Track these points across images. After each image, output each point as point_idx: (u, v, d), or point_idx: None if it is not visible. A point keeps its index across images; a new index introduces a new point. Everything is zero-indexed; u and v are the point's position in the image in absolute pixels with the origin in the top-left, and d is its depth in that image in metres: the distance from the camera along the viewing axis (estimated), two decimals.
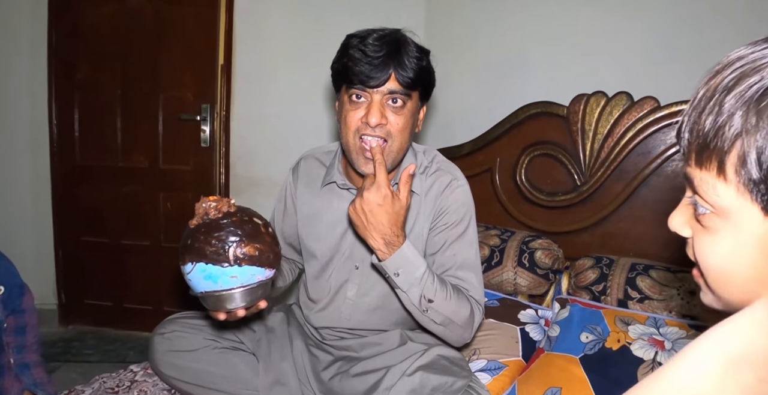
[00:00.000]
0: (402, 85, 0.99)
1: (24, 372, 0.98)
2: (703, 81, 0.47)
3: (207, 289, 0.86)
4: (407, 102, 1.01)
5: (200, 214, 0.88)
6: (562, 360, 1.18)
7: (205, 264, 0.84)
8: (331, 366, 1.15)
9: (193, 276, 0.85)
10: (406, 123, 1.02)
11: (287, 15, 2.18)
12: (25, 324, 1.01)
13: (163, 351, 1.15)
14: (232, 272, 0.84)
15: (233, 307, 0.88)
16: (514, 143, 1.80)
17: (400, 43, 1.00)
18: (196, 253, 0.84)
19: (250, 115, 2.25)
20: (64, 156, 2.35)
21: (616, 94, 1.62)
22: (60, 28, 2.26)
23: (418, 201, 1.12)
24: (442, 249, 1.10)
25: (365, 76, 0.98)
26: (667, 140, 1.56)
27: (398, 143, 1.03)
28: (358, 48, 0.99)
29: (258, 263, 0.86)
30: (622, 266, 1.43)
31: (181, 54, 2.22)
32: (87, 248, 2.40)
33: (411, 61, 0.99)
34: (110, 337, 2.37)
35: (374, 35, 1.00)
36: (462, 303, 1.02)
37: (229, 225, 0.85)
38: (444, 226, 1.10)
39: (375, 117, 0.98)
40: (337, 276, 1.16)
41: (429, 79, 1.05)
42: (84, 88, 2.31)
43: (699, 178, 0.46)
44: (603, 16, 1.74)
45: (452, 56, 2.03)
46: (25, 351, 1.00)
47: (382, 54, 0.97)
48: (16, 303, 1.00)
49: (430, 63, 1.05)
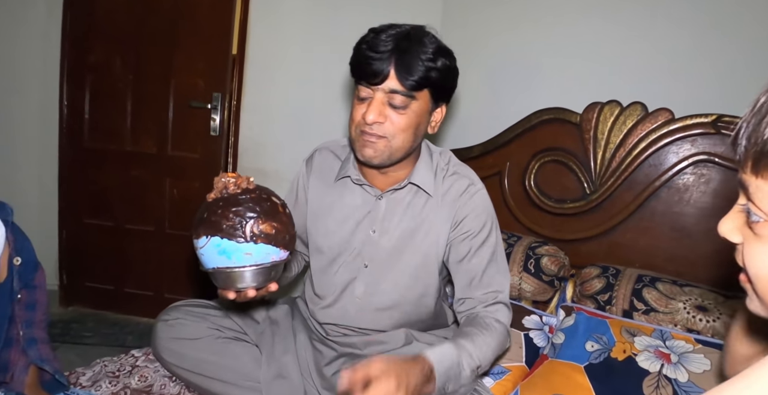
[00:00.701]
0: (403, 85, 0.97)
1: (31, 347, 0.98)
2: (765, 88, 0.46)
3: (219, 265, 0.83)
4: (411, 102, 0.99)
5: (219, 188, 0.86)
6: (566, 367, 1.18)
7: (220, 239, 0.82)
8: (334, 362, 1.15)
9: (207, 251, 0.83)
10: (408, 123, 1.00)
11: (302, 7, 2.17)
12: (36, 300, 1.02)
13: (165, 337, 1.15)
14: (247, 248, 0.82)
15: (244, 286, 0.86)
16: (525, 148, 1.79)
17: (411, 42, 0.97)
18: (212, 227, 0.82)
19: (260, 106, 2.25)
20: (72, 138, 2.34)
21: (630, 104, 1.62)
22: (75, 11, 2.25)
23: (433, 205, 1.11)
24: (468, 257, 1.09)
25: (365, 73, 0.98)
26: (679, 152, 1.56)
27: (399, 141, 1.01)
28: (368, 43, 0.98)
29: (273, 243, 0.84)
30: (629, 277, 1.43)
31: (194, 41, 2.21)
32: (91, 230, 2.40)
33: (418, 61, 0.96)
34: (109, 320, 2.37)
35: (388, 32, 0.98)
36: (497, 339, 1.01)
37: (247, 201, 0.84)
38: (466, 234, 1.09)
39: (372, 114, 0.98)
40: (345, 274, 1.15)
41: (443, 80, 1.01)
42: (96, 71, 2.30)
43: (755, 186, 0.46)
44: (620, 26, 1.73)
45: (466, 59, 2.01)
46: (33, 326, 1.00)
47: (386, 52, 0.96)
48: (30, 278, 1.00)
49: (449, 63, 1.01)
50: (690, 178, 1.55)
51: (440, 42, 1.02)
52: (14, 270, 0.93)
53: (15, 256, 0.94)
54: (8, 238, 0.96)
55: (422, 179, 1.10)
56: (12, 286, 0.94)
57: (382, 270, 1.13)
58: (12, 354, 0.94)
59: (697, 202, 1.54)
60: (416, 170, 1.11)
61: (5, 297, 0.94)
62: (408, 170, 1.11)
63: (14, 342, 0.95)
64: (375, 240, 1.13)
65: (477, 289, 1.08)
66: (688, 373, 1.10)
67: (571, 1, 1.81)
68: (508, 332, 1.06)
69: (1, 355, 0.93)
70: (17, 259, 0.93)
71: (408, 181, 1.10)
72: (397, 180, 1.12)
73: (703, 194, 1.54)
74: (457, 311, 1.11)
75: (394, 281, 1.13)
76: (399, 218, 1.12)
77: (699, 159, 1.53)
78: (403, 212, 1.12)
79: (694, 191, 1.55)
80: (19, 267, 0.93)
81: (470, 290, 1.09)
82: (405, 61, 0.96)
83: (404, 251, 1.12)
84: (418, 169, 1.11)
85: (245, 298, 0.91)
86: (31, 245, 1.02)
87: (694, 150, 1.54)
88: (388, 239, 1.12)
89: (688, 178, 1.56)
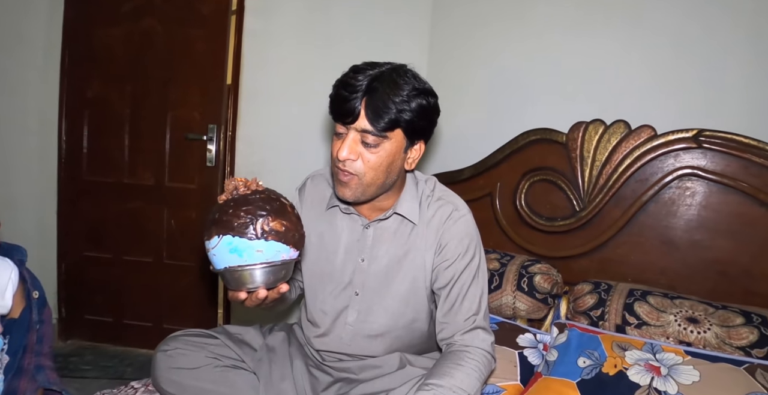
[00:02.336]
0: (373, 126, 0.99)
1: (39, 372, 1.03)
2: None
3: (231, 264, 0.85)
4: (383, 141, 1.01)
5: (229, 190, 0.90)
6: (559, 384, 1.19)
7: (231, 237, 0.84)
8: (331, 388, 1.16)
9: (219, 250, 0.85)
10: (379, 162, 1.02)
11: (295, 39, 2.24)
12: (43, 334, 1.06)
13: (165, 367, 1.15)
14: (258, 245, 0.84)
15: (254, 286, 0.87)
16: (515, 169, 1.83)
17: (384, 83, 0.99)
18: (224, 226, 0.84)
19: (255, 136, 2.29)
20: (71, 171, 2.38)
21: (614, 122, 1.66)
22: (73, 48, 2.32)
23: (418, 232, 1.13)
24: (451, 282, 1.10)
25: (337, 112, 1.01)
26: (664, 167, 1.60)
27: (369, 178, 1.03)
28: (342, 82, 1.01)
29: (284, 240, 0.86)
30: (620, 291, 1.44)
31: (190, 74, 2.28)
32: (89, 262, 2.41)
33: (389, 103, 0.98)
34: (109, 353, 2.36)
35: (365, 72, 1.00)
36: (478, 366, 1.02)
37: (257, 201, 0.87)
38: (450, 260, 1.11)
39: (343, 151, 1.00)
40: (337, 302, 1.17)
41: (418, 120, 1.02)
42: (94, 105, 2.35)
43: None
44: (603, 46, 1.79)
45: (454, 82, 2.09)
46: (41, 356, 1.05)
47: (358, 93, 0.98)
48: (40, 313, 1.05)
49: (426, 104, 1.02)
50: (676, 192, 1.59)
51: (418, 82, 1.03)
52: (33, 304, 0.99)
53: (33, 290, 1.01)
54: (25, 275, 1.03)
55: (407, 209, 1.12)
56: (30, 318, 1.00)
57: (373, 298, 1.14)
58: (21, 383, 0.99)
59: (684, 215, 1.57)
60: (401, 200, 1.13)
61: (23, 328, 1.00)
62: (393, 200, 1.14)
63: (24, 372, 1.00)
64: (364, 268, 1.15)
65: (457, 314, 1.09)
66: (677, 385, 1.11)
67: (554, 24, 1.88)
68: (491, 354, 1.07)
69: (12, 383, 0.97)
70: (36, 293, 1.00)
71: (393, 211, 1.13)
72: (382, 210, 1.14)
73: (689, 207, 1.57)
74: (438, 338, 1.12)
75: (385, 308, 1.14)
76: (387, 247, 1.14)
77: (683, 173, 1.57)
78: (390, 241, 1.14)
79: (681, 204, 1.58)
80: (37, 301, 1.00)
81: (451, 315, 1.09)
82: (374, 103, 0.98)
83: (393, 279, 1.14)
84: (403, 199, 1.13)
85: (257, 300, 0.91)
86: (40, 283, 1.07)
87: (677, 164, 1.58)
88: (376, 266, 1.14)
89: (673, 192, 1.59)
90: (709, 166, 1.54)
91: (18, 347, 0.99)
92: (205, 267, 2.43)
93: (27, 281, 1.03)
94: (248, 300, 0.92)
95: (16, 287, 1.00)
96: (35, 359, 1.03)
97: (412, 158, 1.09)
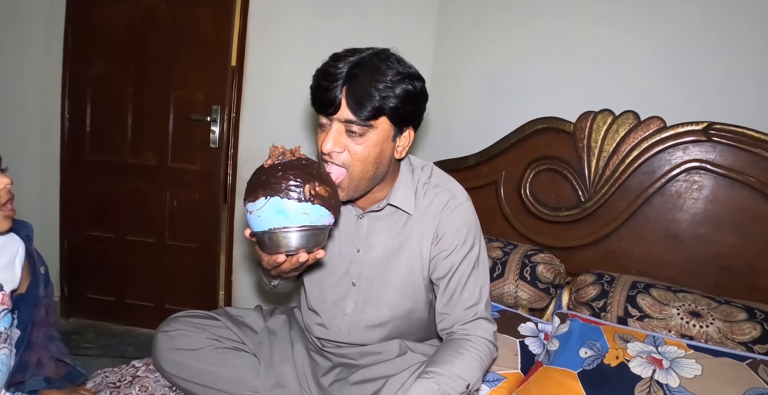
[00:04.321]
0: (356, 116, 0.94)
1: (52, 342, 1.06)
2: None
3: (277, 225, 0.86)
4: (368, 131, 0.96)
5: (275, 155, 0.92)
6: (560, 374, 1.19)
7: (280, 199, 0.85)
8: (331, 372, 1.16)
9: (265, 212, 0.86)
10: (367, 153, 0.97)
11: (301, 20, 2.20)
12: (48, 307, 1.09)
13: (165, 348, 1.16)
14: (304, 208, 0.86)
15: (296, 247, 0.88)
16: (520, 157, 1.82)
17: (365, 69, 0.94)
18: (272, 188, 0.86)
19: (259, 118, 2.27)
20: (74, 150, 2.37)
21: (622, 112, 1.64)
22: (76, 26, 2.29)
23: (414, 222, 1.10)
24: (449, 273, 1.08)
25: (317, 104, 0.97)
26: (672, 159, 1.58)
27: (359, 170, 0.99)
28: (321, 71, 0.97)
29: (327, 206, 0.88)
30: (623, 283, 1.44)
31: (194, 55, 2.25)
32: (92, 242, 2.42)
33: (371, 89, 0.93)
34: (110, 332, 2.38)
35: (346, 59, 0.95)
36: (479, 355, 1.02)
37: (303, 167, 0.89)
38: (448, 251, 1.08)
39: (327, 144, 0.96)
40: (334, 292, 1.16)
41: (404, 106, 0.96)
42: (97, 84, 2.33)
43: None
44: (613, 35, 1.76)
45: (461, 69, 2.06)
46: (50, 327, 1.08)
47: (338, 81, 0.93)
48: (46, 287, 1.07)
49: (412, 88, 0.97)
50: (683, 185, 1.57)
51: (402, 66, 0.97)
52: (40, 278, 1.01)
53: (40, 266, 1.03)
54: (33, 251, 1.05)
55: (401, 199, 1.09)
56: (38, 293, 1.02)
57: (370, 288, 1.14)
58: (31, 356, 1.01)
59: (690, 208, 1.56)
60: (395, 190, 1.10)
61: (30, 303, 1.02)
62: (387, 190, 1.10)
63: (33, 345, 1.02)
64: (360, 259, 1.14)
65: (457, 304, 1.08)
66: (679, 378, 1.11)
67: (563, 11, 1.85)
68: (493, 342, 1.06)
69: (23, 356, 1.00)
70: (43, 268, 1.02)
71: (386, 202, 1.10)
72: (376, 201, 1.11)
73: (695, 200, 1.56)
74: (438, 328, 1.11)
75: (383, 298, 1.13)
76: (382, 237, 1.12)
77: (691, 166, 1.55)
78: (385, 231, 1.12)
79: (687, 197, 1.57)
80: (44, 276, 1.02)
81: (450, 306, 1.08)
82: (355, 91, 0.93)
83: (389, 269, 1.12)
84: (397, 189, 1.10)
85: (297, 264, 0.91)
86: (44, 259, 1.09)
87: (686, 157, 1.56)
88: (372, 257, 1.13)
89: (680, 185, 1.57)
90: (718, 159, 1.53)
91: (26, 321, 1.00)
92: (207, 249, 2.44)
93: (34, 256, 1.04)
94: (287, 262, 0.91)
95: (23, 262, 1.02)
96: (45, 330, 1.05)
97: (401, 146, 1.04)
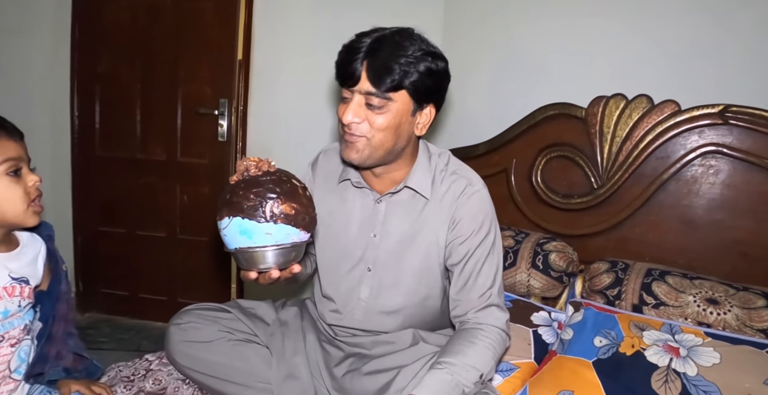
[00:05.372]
0: (376, 87, 0.97)
1: (71, 338, 1.08)
2: None
3: (241, 245, 0.85)
4: (388, 103, 0.98)
5: (240, 171, 0.89)
6: (574, 363, 1.17)
7: (241, 219, 0.84)
8: (343, 363, 1.16)
9: (229, 231, 0.86)
10: (386, 124, 1.00)
11: (306, 12, 2.18)
12: (68, 300, 1.10)
13: (178, 341, 1.17)
14: (267, 228, 0.84)
15: (265, 267, 0.88)
16: (531, 145, 1.79)
17: (387, 44, 0.97)
18: (234, 207, 0.85)
19: (267, 111, 2.26)
20: (84, 147, 2.39)
21: (636, 96, 1.61)
22: (83, 24, 2.29)
23: (431, 208, 1.11)
24: (465, 258, 1.09)
25: (340, 75, 1.01)
26: (687, 144, 1.55)
27: (377, 140, 1.01)
28: (345, 48, 1.01)
29: (293, 224, 0.86)
30: (638, 271, 1.42)
31: (200, 49, 2.24)
32: (104, 237, 2.44)
33: (392, 63, 0.95)
34: (125, 326, 2.41)
35: (370, 35, 0.99)
36: (492, 344, 1.02)
37: (268, 183, 0.86)
38: (464, 237, 1.09)
39: (347, 115, 0.99)
40: (349, 277, 1.16)
41: (425, 81, 0.99)
42: (105, 81, 2.34)
43: None
44: (622, 18, 1.71)
45: (470, 56, 2.03)
46: (69, 323, 1.10)
47: (359, 55, 0.97)
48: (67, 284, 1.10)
49: (434, 67, 1.00)
50: (698, 170, 1.54)
51: (426, 44, 1.00)
52: (62, 275, 1.04)
53: (62, 263, 1.06)
54: (54, 250, 1.08)
55: (418, 182, 1.10)
56: (59, 289, 1.04)
57: (386, 274, 1.13)
58: (51, 349, 1.03)
59: (706, 194, 1.53)
60: (412, 173, 1.10)
61: (51, 299, 1.04)
62: (405, 172, 1.11)
63: (53, 338, 1.04)
64: (376, 244, 1.13)
65: (471, 291, 1.08)
66: (697, 367, 1.09)
67: None
68: (505, 331, 1.06)
69: (43, 349, 1.02)
70: (64, 266, 1.05)
71: (404, 185, 1.10)
72: (393, 183, 1.12)
73: (712, 185, 1.52)
74: (451, 315, 1.11)
75: (398, 284, 1.13)
76: (398, 222, 1.12)
77: (707, 150, 1.52)
78: (402, 216, 1.12)
79: (703, 182, 1.53)
80: (65, 272, 1.05)
81: (465, 292, 1.08)
82: (376, 64, 0.96)
83: (405, 255, 1.12)
84: (415, 172, 1.10)
85: (270, 279, 0.92)
86: (62, 258, 1.12)
87: (702, 141, 1.53)
88: (388, 242, 1.13)
89: (696, 170, 1.54)
90: (735, 143, 1.49)
91: (48, 315, 1.03)
92: (218, 243, 2.44)
93: (55, 254, 1.08)
94: (261, 278, 0.92)
95: (45, 260, 1.04)
96: (65, 326, 1.07)
97: (422, 123, 1.06)
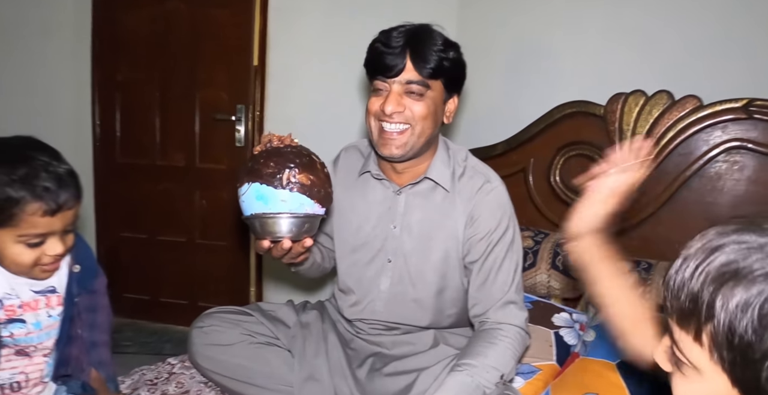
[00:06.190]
0: (419, 75, 1.01)
1: (92, 349, 1.06)
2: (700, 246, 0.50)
3: (257, 211, 0.89)
4: (427, 91, 1.03)
5: (264, 142, 0.94)
6: (598, 365, 1.15)
7: (259, 185, 0.88)
8: (364, 364, 1.16)
9: (247, 197, 0.89)
10: (427, 111, 1.04)
11: (321, 17, 2.19)
12: (97, 303, 1.08)
13: (200, 344, 1.18)
14: (282, 195, 0.87)
15: (278, 235, 0.90)
16: (549, 143, 1.77)
17: (421, 35, 1.03)
18: (254, 174, 0.89)
19: (283, 115, 2.28)
20: (105, 154, 2.43)
21: (656, 93, 1.58)
22: (102, 33, 2.34)
23: (450, 201, 1.11)
24: (483, 255, 1.09)
25: (382, 66, 1.03)
26: (710, 140, 1.52)
27: (420, 128, 1.04)
28: (380, 40, 1.05)
29: (308, 194, 0.89)
30: (661, 270, 1.39)
31: (216, 55, 2.27)
32: (126, 243, 2.48)
33: (430, 51, 1.01)
34: (147, 330, 2.44)
35: (398, 30, 1.04)
36: (512, 344, 1.02)
37: (288, 154, 0.90)
38: (482, 233, 1.09)
39: (390, 105, 1.02)
40: (370, 269, 1.17)
41: (454, 70, 1.06)
42: (125, 89, 2.38)
43: (678, 334, 0.51)
44: (642, 11, 1.69)
45: (485, 55, 2.01)
46: (96, 329, 1.07)
47: (399, 46, 1.01)
48: (90, 283, 1.07)
49: (457, 56, 1.07)
50: (723, 166, 1.51)
51: (446, 37, 1.07)
52: (72, 277, 1.02)
53: (74, 264, 1.04)
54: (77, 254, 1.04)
55: (438, 174, 1.11)
56: (70, 291, 1.02)
57: (406, 265, 1.14)
58: (73, 350, 1.02)
59: (731, 190, 1.49)
60: (432, 165, 1.12)
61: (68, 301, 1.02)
62: (426, 164, 1.13)
63: (74, 340, 1.03)
64: (396, 235, 1.14)
65: (491, 288, 1.08)
66: None
67: None
68: (525, 330, 1.06)
69: (64, 351, 1.01)
70: (76, 266, 1.02)
71: (424, 176, 1.11)
72: (414, 175, 1.13)
73: (737, 181, 1.49)
74: (471, 314, 1.11)
75: (418, 275, 1.13)
76: (419, 214, 1.13)
77: (731, 146, 1.49)
78: (422, 208, 1.13)
79: (728, 179, 1.50)
80: (77, 274, 1.02)
81: (484, 290, 1.08)
82: (420, 52, 1.01)
83: (425, 246, 1.13)
84: (435, 164, 1.12)
85: (282, 251, 0.94)
86: (91, 252, 1.10)
87: (725, 137, 1.50)
88: (408, 234, 1.14)
89: (720, 166, 1.51)
90: (760, 138, 1.46)
91: (65, 317, 1.02)
92: (237, 247, 2.48)
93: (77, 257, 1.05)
94: (273, 249, 0.95)
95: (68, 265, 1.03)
96: (90, 333, 1.05)
97: (449, 111, 1.11)
